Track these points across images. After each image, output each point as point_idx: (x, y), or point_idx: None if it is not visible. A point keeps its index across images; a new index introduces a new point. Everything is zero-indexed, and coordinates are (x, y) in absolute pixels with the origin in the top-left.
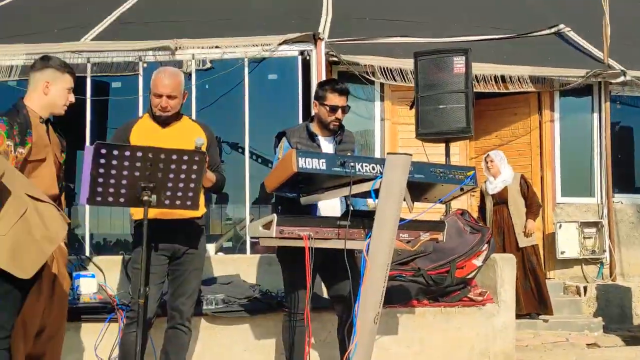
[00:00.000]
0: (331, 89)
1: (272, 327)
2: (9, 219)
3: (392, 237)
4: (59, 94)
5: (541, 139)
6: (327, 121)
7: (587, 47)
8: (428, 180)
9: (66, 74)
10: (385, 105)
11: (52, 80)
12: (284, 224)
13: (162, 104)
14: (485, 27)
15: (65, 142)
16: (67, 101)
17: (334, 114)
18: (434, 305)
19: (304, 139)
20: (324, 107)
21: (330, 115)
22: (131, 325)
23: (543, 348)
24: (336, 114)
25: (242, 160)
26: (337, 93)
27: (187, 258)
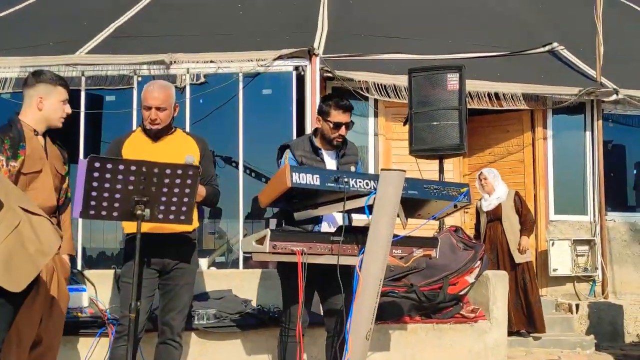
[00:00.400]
0: (335, 105)
1: (264, 343)
2: (1, 231)
3: (385, 253)
4: (54, 108)
5: (534, 156)
6: (330, 137)
7: (580, 65)
8: (422, 196)
9: (59, 86)
10: (379, 121)
11: (45, 94)
12: (277, 239)
13: (152, 116)
14: (479, 45)
15: (66, 154)
16: (63, 113)
17: (337, 131)
18: (426, 321)
19: (308, 152)
20: (328, 124)
21: (334, 131)
22: (120, 339)
23: None
24: (339, 131)
25: (236, 174)
26: (341, 110)
27: (177, 273)
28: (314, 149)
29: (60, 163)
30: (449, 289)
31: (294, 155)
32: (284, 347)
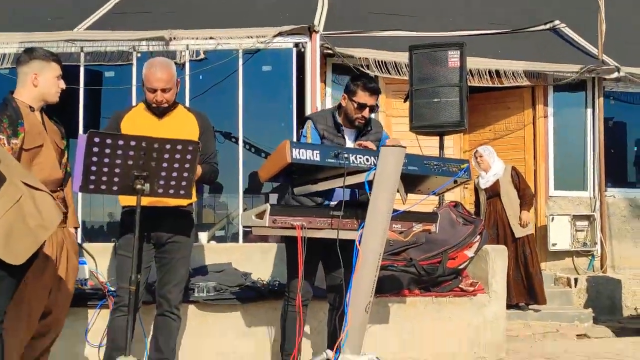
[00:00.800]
0: (363, 87)
1: (264, 315)
2: (3, 204)
3: (385, 227)
4: (49, 83)
5: (535, 133)
6: (352, 117)
7: (581, 43)
8: (422, 172)
9: (52, 62)
10: (380, 98)
11: (40, 70)
12: (277, 214)
13: (158, 99)
14: (481, 22)
15: (63, 129)
16: (58, 88)
17: (361, 112)
18: (425, 295)
19: (331, 127)
20: (352, 103)
21: (357, 112)
22: (117, 310)
23: (533, 338)
24: (363, 112)
25: (236, 149)
26: (368, 92)
27: (173, 246)
28: (336, 125)
29: (59, 137)
30: (448, 263)
31: (317, 128)
32: (285, 318)
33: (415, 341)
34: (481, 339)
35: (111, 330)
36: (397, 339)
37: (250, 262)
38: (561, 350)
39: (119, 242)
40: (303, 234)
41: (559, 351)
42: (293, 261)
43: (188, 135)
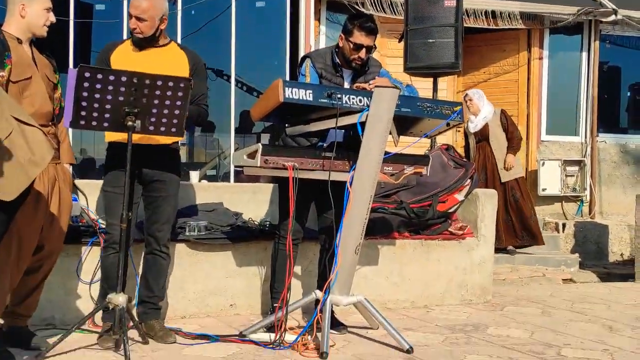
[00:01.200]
0: (359, 27)
1: (254, 255)
2: None
3: (376, 169)
4: (37, 14)
5: (529, 76)
6: (349, 57)
7: None
8: (415, 114)
9: None
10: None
11: (28, 1)
12: (269, 154)
13: (131, 25)
14: None
15: (55, 63)
16: (46, 21)
17: (357, 53)
18: (414, 237)
19: (329, 66)
20: (349, 44)
21: (354, 53)
22: (108, 247)
23: (520, 282)
24: (359, 53)
25: (228, 87)
26: (364, 32)
27: (159, 185)
28: (334, 65)
29: (51, 71)
30: (438, 206)
31: (315, 67)
32: (276, 258)
33: (404, 283)
34: (469, 282)
35: (103, 268)
36: (386, 281)
37: (241, 202)
38: (547, 294)
39: (105, 178)
40: (294, 174)
41: (545, 295)
42: (284, 201)
43: (177, 73)
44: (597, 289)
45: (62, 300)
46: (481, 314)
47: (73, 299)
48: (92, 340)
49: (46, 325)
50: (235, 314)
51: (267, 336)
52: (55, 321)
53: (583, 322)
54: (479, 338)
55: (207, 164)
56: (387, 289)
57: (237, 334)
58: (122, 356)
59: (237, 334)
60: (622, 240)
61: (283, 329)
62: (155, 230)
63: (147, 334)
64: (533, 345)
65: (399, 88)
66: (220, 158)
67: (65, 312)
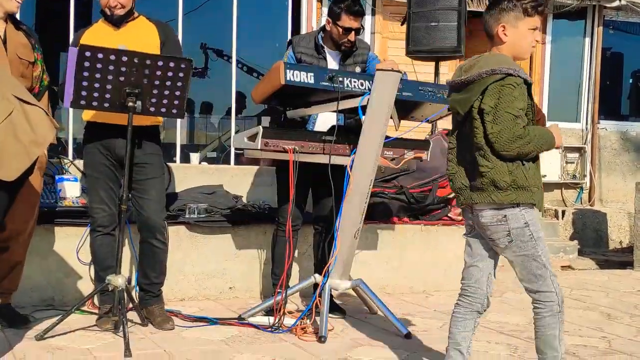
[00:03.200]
0: (347, 10)
1: (254, 238)
2: None
3: (377, 154)
4: None
5: (531, 61)
6: (339, 41)
7: None
8: (416, 98)
9: None
10: (376, 19)
11: None
12: (270, 137)
13: (110, 2)
14: None
15: (34, 39)
16: None
17: (347, 36)
18: (414, 223)
19: (310, 49)
20: (337, 28)
21: (343, 36)
22: (94, 230)
23: None
24: (349, 36)
25: (229, 68)
26: (352, 15)
27: (139, 168)
28: (317, 47)
29: (27, 49)
30: (438, 191)
31: (294, 51)
32: (276, 243)
33: (403, 268)
34: None
35: (93, 251)
36: (385, 266)
37: (241, 185)
38: None
39: (84, 159)
40: (295, 157)
41: None
42: (284, 187)
43: (147, 46)
44: (596, 276)
45: (61, 281)
46: None
47: (72, 280)
48: (92, 322)
49: (46, 306)
50: (234, 297)
51: (266, 320)
52: (55, 302)
53: (581, 309)
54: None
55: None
56: (386, 274)
57: (236, 317)
58: (121, 337)
59: (236, 317)
60: (621, 227)
61: (282, 312)
62: (146, 218)
63: (146, 317)
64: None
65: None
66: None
67: (64, 294)
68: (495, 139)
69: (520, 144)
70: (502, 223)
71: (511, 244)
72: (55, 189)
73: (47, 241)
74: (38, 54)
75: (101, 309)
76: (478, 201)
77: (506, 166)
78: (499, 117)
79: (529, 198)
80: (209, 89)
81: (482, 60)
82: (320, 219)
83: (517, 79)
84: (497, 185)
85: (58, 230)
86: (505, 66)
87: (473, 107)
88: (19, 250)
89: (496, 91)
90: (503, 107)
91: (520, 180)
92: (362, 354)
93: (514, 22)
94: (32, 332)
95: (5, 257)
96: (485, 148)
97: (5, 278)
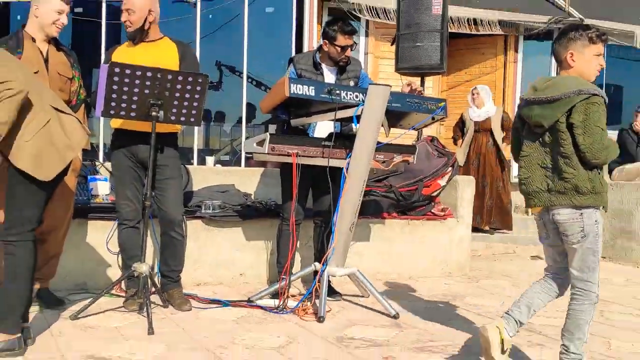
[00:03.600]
0: (341, 31)
1: (262, 231)
2: (32, 128)
3: (370, 157)
4: (46, 15)
5: (505, 77)
6: (337, 59)
7: None
8: (404, 109)
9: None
10: (369, 41)
11: (40, 3)
12: (276, 142)
13: (123, 19)
14: None
15: (73, 59)
16: (56, 21)
17: (344, 53)
18: (402, 218)
19: (310, 66)
20: (335, 47)
21: (341, 54)
22: (121, 224)
23: (493, 258)
24: (345, 52)
25: (240, 83)
26: (346, 35)
27: (160, 169)
28: (315, 64)
29: (66, 67)
30: (423, 190)
31: (295, 68)
32: (281, 236)
33: (391, 258)
34: (448, 257)
35: (120, 242)
36: (376, 255)
37: (250, 184)
38: (517, 269)
39: (112, 161)
40: (298, 160)
41: (515, 270)
42: (287, 186)
43: (167, 62)
44: None
45: (93, 268)
46: (459, 286)
47: (102, 267)
48: (119, 304)
49: (79, 290)
50: (244, 282)
51: (272, 302)
52: (87, 287)
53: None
54: (457, 307)
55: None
56: (377, 263)
57: (246, 300)
58: (145, 317)
59: (245, 300)
60: None
61: (286, 295)
62: (166, 214)
63: (167, 300)
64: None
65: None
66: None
67: (96, 279)
68: (587, 149)
69: (606, 153)
70: (577, 220)
71: (583, 239)
72: (87, 188)
73: (80, 233)
74: (76, 72)
75: (127, 292)
76: (558, 204)
77: (587, 174)
78: (590, 131)
79: (602, 201)
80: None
81: (559, 81)
82: (320, 214)
83: (600, 98)
84: (579, 191)
85: (90, 224)
86: (587, 87)
87: (559, 121)
88: (56, 242)
89: (584, 108)
90: (593, 122)
91: (598, 186)
92: (356, 332)
93: (581, 49)
94: (67, 312)
95: (44, 248)
96: (571, 157)
97: (44, 266)
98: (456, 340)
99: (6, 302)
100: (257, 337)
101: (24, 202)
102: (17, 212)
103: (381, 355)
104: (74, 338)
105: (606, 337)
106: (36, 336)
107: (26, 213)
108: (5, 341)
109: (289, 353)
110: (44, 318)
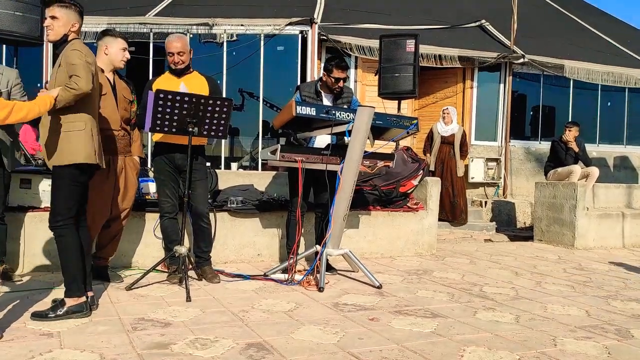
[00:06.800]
0: (336, 66)
1: (275, 221)
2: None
3: (358, 163)
4: (115, 52)
5: (463, 100)
6: (332, 88)
7: (499, 36)
8: (385, 125)
9: (119, 38)
10: (358, 72)
11: (109, 44)
12: (285, 151)
13: (175, 60)
14: (429, 19)
15: (132, 86)
16: (123, 57)
17: (337, 83)
18: (383, 210)
19: (312, 93)
20: (330, 78)
21: (335, 84)
22: (162, 216)
23: (455, 241)
24: (339, 83)
25: (257, 105)
26: (340, 69)
27: (196, 174)
28: (316, 92)
29: (128, 92)
30: (400, 188)
31: (301, 94)
32: (289, 224)
33: (376, 241)
34: (420, 240)
35: (162, 229)
36: (364, 240)
37: (266, 184)
38: (473, 249)
39: (154, 168)
40: (302, 165)
41: (472, 250)
42: (293, 185)
43: (198, 89)
44: (508, 246)
45: (142, 250)
46: (428, 263)
47: (150, 249)
48: (163, 278)
49: (132, 267)
50: (261, 261)
51: (283, 276)
52: (138, 265)
53: (497, 269)
54: (427, 279)
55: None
56: (365, 245)
57: (262, 274)
58: (184, 288)
59: (262, 274)
60: (525, 213)
61: (294, 271)
62: (196, 207)
63: (200, 274)
64: (464, 284)
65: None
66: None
67: (145, 259)
68: None
69: None
70: None
71: None
72: (139, 187)
73: (133, 222)
74: (134, 96)
75: (170, 269)
76: None
77: None
78: None
79: None
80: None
81: None
82: (320, 207)
83: None
84: None
85: (140, 215)
86: None
87: None
88: (118, 227)
89: None
90: None
91: None
92: (348, 299)
93: None
94: (123, 284)
95: (107, 231)
96: None
97: (108, 244)
98: (426, 306)
99: (68, 273)
100: (271, 303)
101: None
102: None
103: (368, 317)
104: (128, 304)
105: (543, 303)
106: (99, 303)
107: (67, 204)
108: (75, 305)
109: (296, 315)
110: (104, 289)
